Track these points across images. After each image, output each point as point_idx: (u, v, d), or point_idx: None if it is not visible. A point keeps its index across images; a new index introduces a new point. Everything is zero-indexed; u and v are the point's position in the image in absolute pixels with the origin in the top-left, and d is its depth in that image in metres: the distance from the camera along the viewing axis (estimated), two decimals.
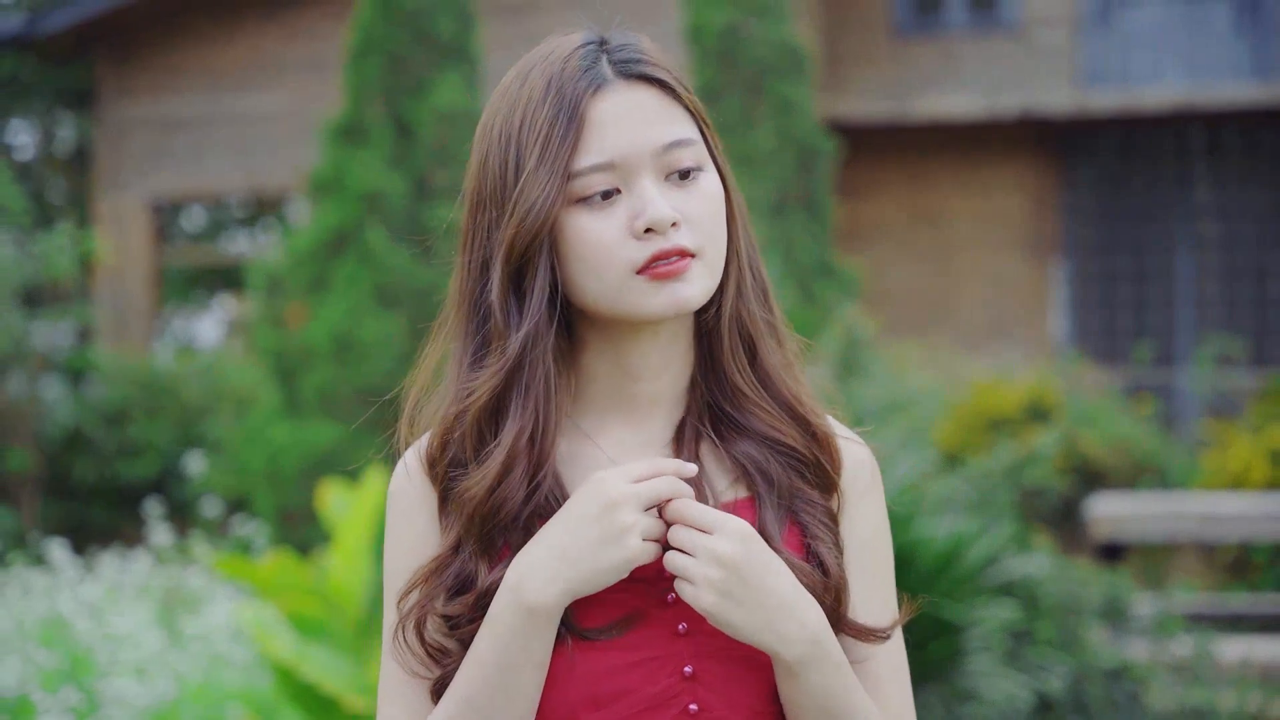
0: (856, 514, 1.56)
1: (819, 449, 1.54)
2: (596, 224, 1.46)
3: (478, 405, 1.49)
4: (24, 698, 4.63)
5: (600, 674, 1.46)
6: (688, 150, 1.48)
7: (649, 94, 1.49)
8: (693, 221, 1.47)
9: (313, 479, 8.01)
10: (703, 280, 1.48)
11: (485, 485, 1.47)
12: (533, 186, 1.46)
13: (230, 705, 5.09)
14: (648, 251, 1.45)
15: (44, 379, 11.59)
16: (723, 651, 1.48)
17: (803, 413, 1.54)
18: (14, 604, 5.82)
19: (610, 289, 1.47)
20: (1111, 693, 4.81)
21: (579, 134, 1.46)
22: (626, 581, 1.47)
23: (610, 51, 1.52)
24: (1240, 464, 8.21)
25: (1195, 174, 12.45)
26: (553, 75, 1.49)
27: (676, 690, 1.47)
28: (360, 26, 8.72)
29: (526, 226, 1.46)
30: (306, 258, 8.56)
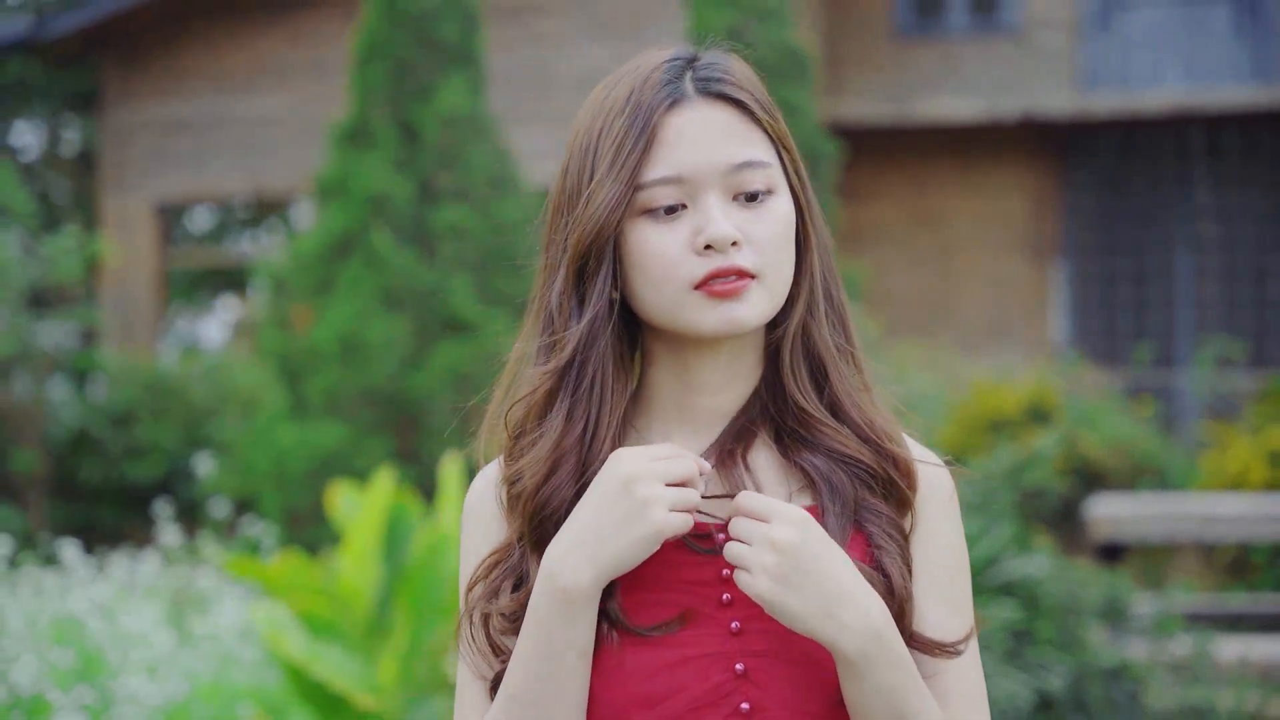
0: (930, 529, 1.54)
1: (892, 469, 1.52)
2: (659, 237, 1.47)
3: (532, 401, 1.51)
4: (39, 696, 4.67)
5: (652, 672, 1.46)
6: (758, 173, 1.48)
7: (726, 113, 1.49)
8: (755, 243, 1.47)
9: (319, 480, 8.04)
10: (760, 302, 1.48)
11: (535, 480, 1.48)
12: (600, 193, 1.47)
13: (241, 704, 5.14)
14: (706, 268, 1.46)
15: (50, 380, 11.62)
16: (776, 651, 1.47)
17: (875, 436, 1.53)
18: (26, 604, 5.87)
19: (667, 302, 1.48)
20: (1111, 692, 4.81)
21: (649, 146, 1.47)
22: (682, 583, 1.48)
23: (696, 68, 1.52)
24: (1239, 465, 8.24)
25: (1195, 176, 12.47)
26: (634, 87, 1.50)
27: (728, 688, 1.46)
28: (365, 31, 8.75)
29: (590, 231, 1.47)
30: (312, 260, 8.59)
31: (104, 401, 11.54)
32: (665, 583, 1.49)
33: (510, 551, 1.51)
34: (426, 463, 8.00)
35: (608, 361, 1.50)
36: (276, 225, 17.18)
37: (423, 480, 7.75)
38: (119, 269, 12.85)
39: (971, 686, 1.52)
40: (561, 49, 12.04)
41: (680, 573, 1.49)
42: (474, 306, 8.45)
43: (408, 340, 8.43)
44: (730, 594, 1.48)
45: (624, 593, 1.48)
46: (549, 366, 1.51)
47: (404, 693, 4.70)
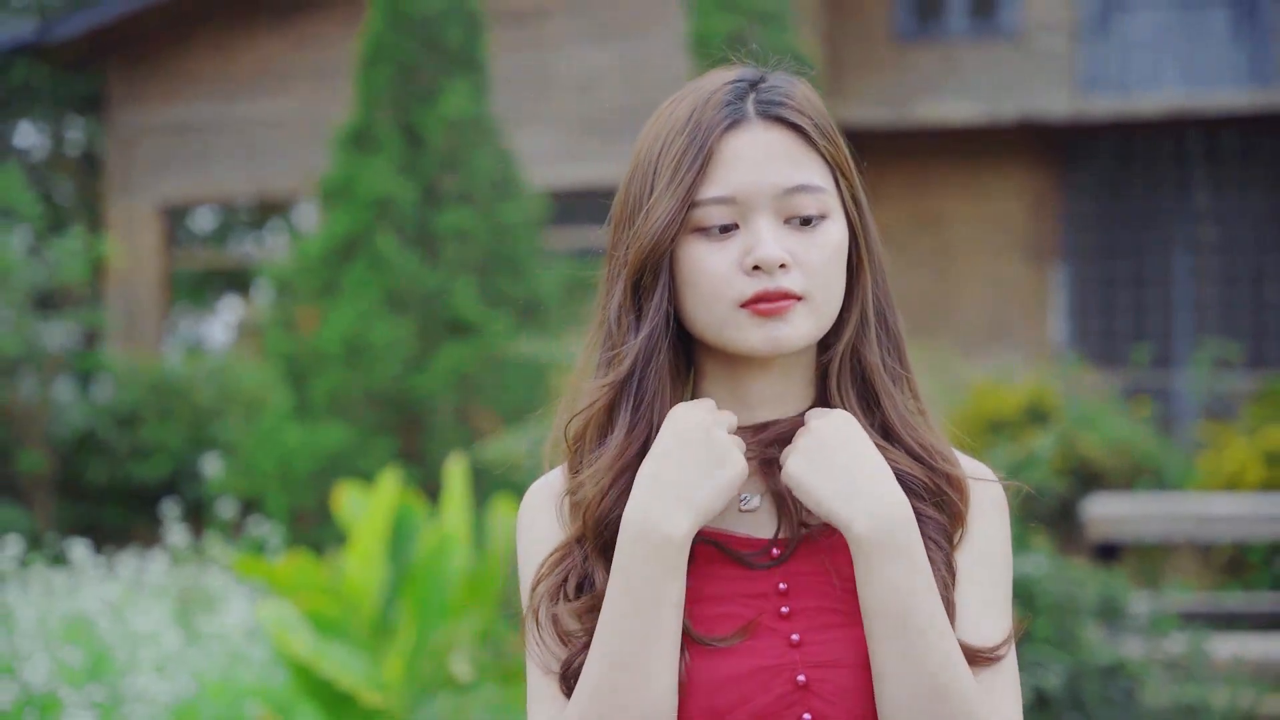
0: (977, 536, 1.55)
1: (945, 484, 1.54)
2: (710, 255, 1.49)
3: (591, 414, 1.54)
4: (51, 694, 4.72)
5: (716, 684, 1.47)
6: (811, 197, 1.50)
7: (784, 137, 1.51)
8: (804, 266, 1.49)
9: (324, 480, 8.09)
10: (805, 323, 1.50)
11: (598, 490, 1.51)
12: (657, 209, 1.50)
13: (248, 702, 5.17)
14: (754, 288, 1.48)
15: (56, 381, 11.65)
16: (836, 662, 1.48)
17: (927, 455, 1.54)
18: (36, 603, 5.92)
19: (715, 319, 1.50)
20: (1107, 690, 4.80)
21: (706, 165, 1.49)
22: (741, 597, 1.50)
23: (760, 90, 1.54)
24: (1235, 465, 8.27)
25: (1193, 179, 12.47)
26: (696, 106, 1.52)
27: (790, 700, 1.47)
28: (370, 35, 8.79)
29: (646, 246, 1.50)
30: (317, 263, 8.63)
31: (110, 402, 11.55)
32: (725, 597, 1.51)
33: (570, 550, 1.52)
34: (430, 463, 8.05)
35: (665, 375, 1.53)
36: (279, 226, 17.21)
37: (427, 481, 7.80)
38: (124, 271, 12.87)
39: (1007, 690, 1.50)
40: (564, 52, 12.06)
41: (738, 586, 1.51)
42: (477, 308, 8.50)
43: (411, 342, 8.47)
44: (788, 606, 1.50)
45: (691, 605, 1.49)
46: (608, 380, 1.53)
47: (409, 690, 4.74)
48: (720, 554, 1.52)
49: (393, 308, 8.49)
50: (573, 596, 1.51)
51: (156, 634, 5.56)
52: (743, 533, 1.54)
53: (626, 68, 11.67)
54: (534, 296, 8.77)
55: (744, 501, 1.55)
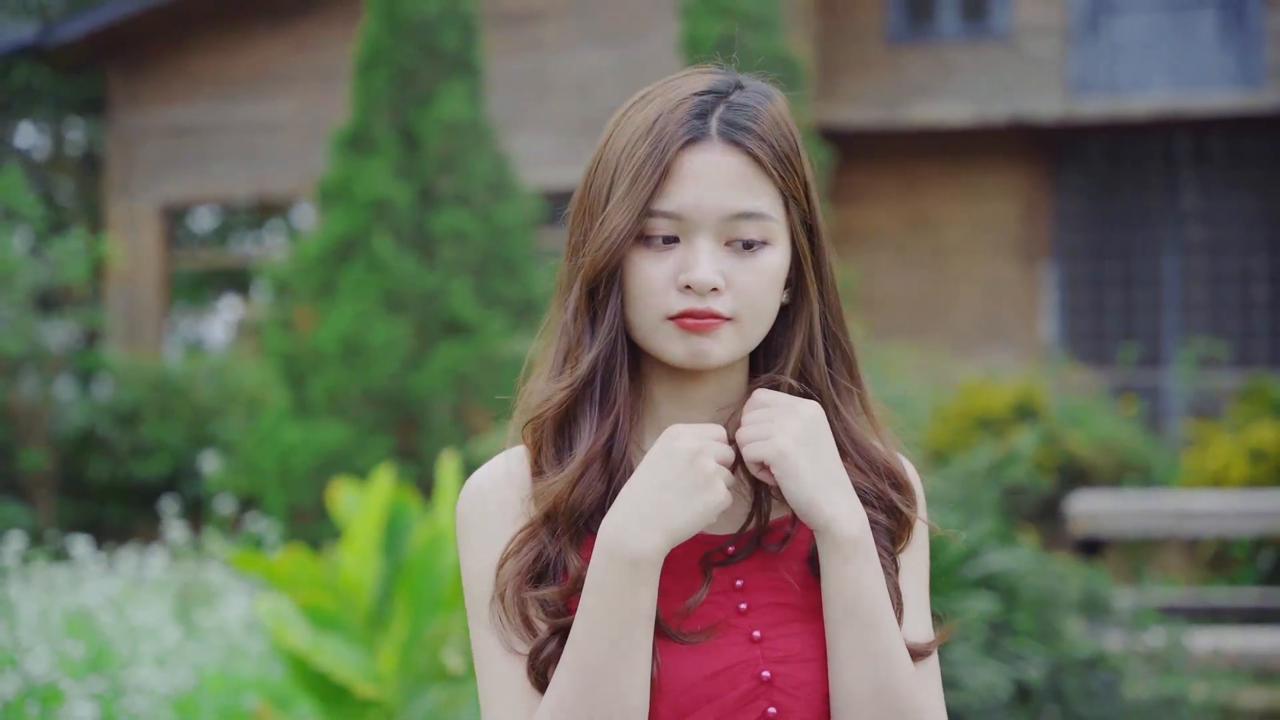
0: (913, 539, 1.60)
1: (896, 496, 1.58)
2: (650, 265, 1.51)
3: (550, 415, 1.56)
4: (52, 685, 4.79)
5: (684, 683, 1.49)
6: (754, 224, 1.51)
7: (738, 161, 1.51)
8: (737, 290, 1.51)
9: (321, 478, 8.15)
10: (730, 343, 1.52)
11: (567, 483, 1.52)
12: (614, 218, 1.51)
13: (246, 694, 5.25)
14: (682, 306, 1.50)
15: (58, 380, 11.71)
16: (795, 656, 1.52)
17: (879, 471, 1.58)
18: (38, 598, 6.00)
19: (644, 327, 1.53)
20: (1088, 682, 4.83)
21: (663, 179, 1.50)
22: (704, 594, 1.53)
23: (728, 106, 1.53)
24: (1220, 462, 8.34)
25: (1182, 180, 12.51)
26: (662, 113, 1.53)
27: (755, 694, 1.50)
28: (367, 39, 8.84)
29: (602, 257, 1.51)
30: (315, 263, 8.69)
31: (110, 401, 11.60)
32: (687, 593, 1.53)
33: (537, 530, 1.53)
34: (427, 461, 8.10)
35: (625, 375, 1.55)
36: (278, 226, 17.27)
37: (424, 478, 7.86)
38: (125, 271, 12.91)
39: (936, 683, 1.57)
40: (560, 55, 12.10)
41: (697, 582, 1.53)
42: (473, 308, 8.56)
43: (408, 341, 8.53)
44: (746, 602, 1.54)
45: None
46: (568, 382, 1.55)
47: (404, 682, 4.78)
48: (685, 550, 1.54)
49: (390, 308, 8.55)
50: (541, 578, 1.52)
51: (156, 628, 5.63)
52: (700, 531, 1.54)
53: (622, 70, 11.74)
54: (529, 297, 8.84)
55: None
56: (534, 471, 1.57)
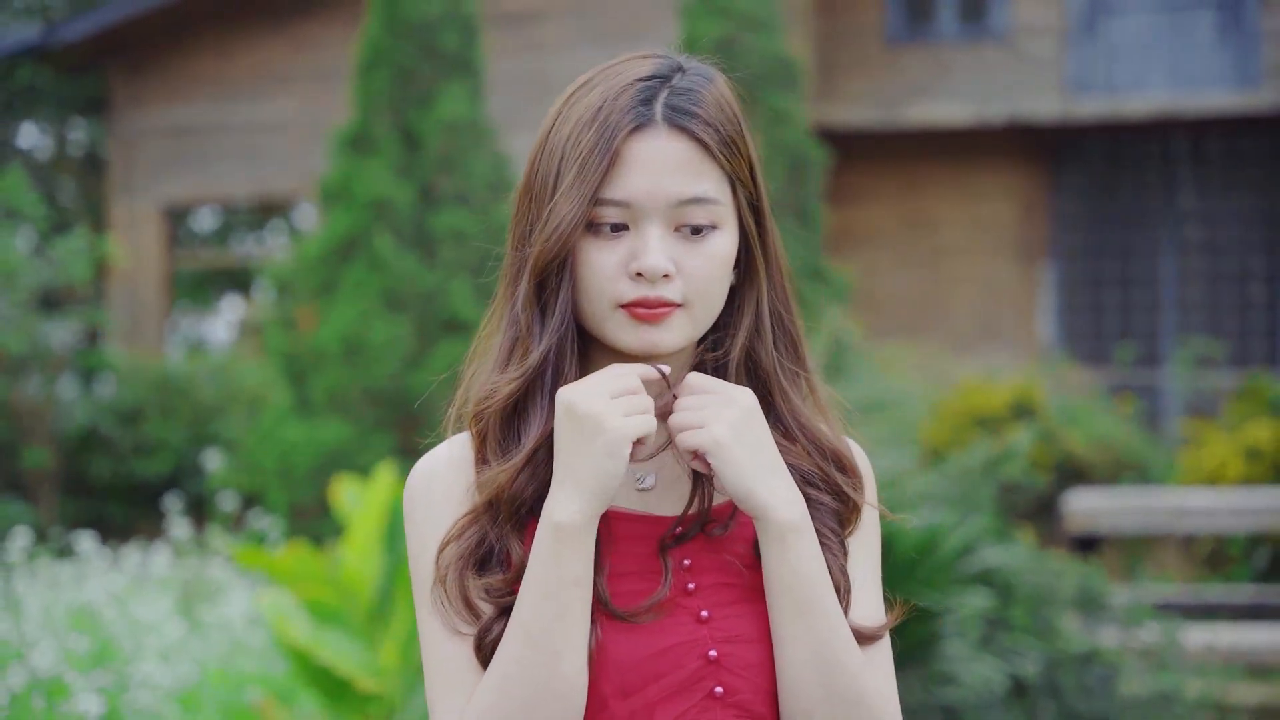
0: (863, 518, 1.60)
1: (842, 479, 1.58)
2: (599, 253, 1.51)
3: (497, 407, 1.54)
4: (58, 679, 4.84)
5: (631, 662, 1.49)
6: (702, 209, 1.51)
7: (684, 147, 1.51)
8: (687, 275, 1.51)
9: (323, 475, 8.20)
10: (682, 329, 1.52)
11: (511, 471, 1.51)
12: (562, 209, 1.49)
13: (249, 689, 5.29)
14: (634, 293, 1.50)
15: (60, 379, 11.76)
16: (742, 636, 1.52)
17: (825, 453, 1.59)
18: (43, 594, 6.05)
19: (596, 315, 1.52)
20: (1083, 678, 4.86)
21: (610, 166, 1.49)
22: (648, 573, 1.53)
23: (671, 91, 1.53)
24: (1216, 461, 8.36)
25: (1179, 180, 12.55)
26: (606, 100, 1.51)
27: (702, 674, 1.50)
28: (368, 40, 8.89)
29: (552, 244, 1.50)
30: (317, 263, 8.74)
31: (113, 400, 11.65)
32: (632, 574, 1.53)
33: (479, 516, 1.53)
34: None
35: (574, 364, 1.54)
36: (278, 226, 17.32)
37: None
38: (127, 270, 12.96)
39: (886, 666, 1.57)
40: (559, 56, 12.13)
41: (643, 563, 1.53)
42: (473, 308, 8.61)
43: (409, 340, 8.58)
44: (694, 583, 1.53)
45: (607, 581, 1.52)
46: (518, 373, 1.54)
47: (404, 676, 4.80)
48: (630, 531, 1.54)
49: (390, 307, 8.60)
50: (484, 564, 1.52)
51: (160, 624, 5.68)
52: (642, 511, 1.55)
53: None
54: None
55: (640, 481, 1.57)
56: (478, 459, 1.56)
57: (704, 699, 1.50)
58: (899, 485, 4.93)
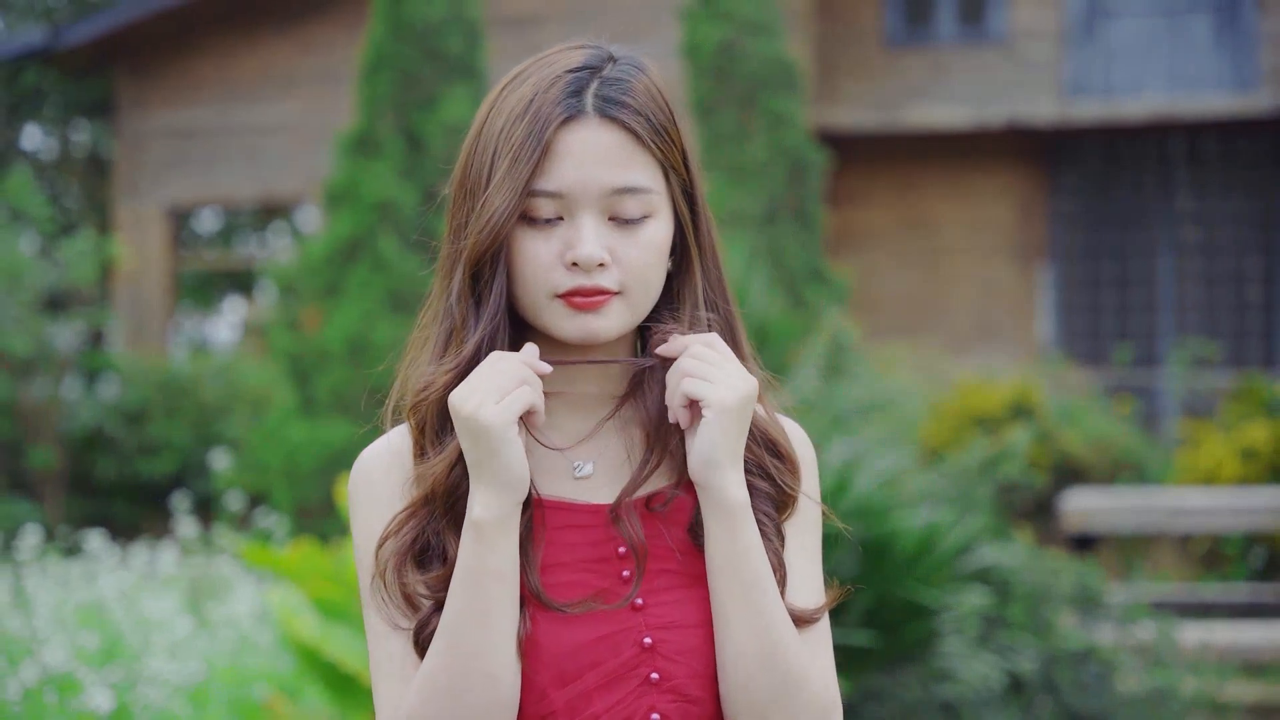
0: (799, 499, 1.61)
1: (780, 465, 1.59)
2: (535, 244, 1.51)
3: (433, 398, 1.54)
4: (70, 675, 4.90)
5: (566, 651, 1.50)
6: (635, 198, 1.52)
7: (615, 136, 1.52)
8: (622, 263, 1.52)
9: (328, 475, 8.26)
10: (620, 317, 1.53)
11: (446, 464, 1.52)
12: (495, 200, 1.50)
13: (256, 685, 5.35)
14: (570, 283, 1.51)
15: (66, 380, 11.81)
16: (677, 623, 1.53)
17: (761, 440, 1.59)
18: (53, 592, 6.12)
19: (533, 305, 1.54)
20: (1080, 675, 4.89)
21: (542, 158, 1.50)
22: (585, 563, 1.53)
23: (601, 81, 1.53)
24: (1212, 461, 8.42)
25: (1176, 182, 12.60)
26: (537, 93, 1.52)
27: (638, 661, 1.51)
28: (372, 43, 8.94)
29: (485, 239, 1.51)
30: (321, 264, 8.80)
31: (118, 400, 11.69)
32: (570, 564, 1.54)
33: (417, 510, 1.54)
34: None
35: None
36: (281, 227, 17.38)
37: None
38: (132, 272, 13.01)
39: (823, 648, 1.57)
40: None
41: (581, 552, 1.54)
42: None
43: None
44: (629, 570, 1.54)
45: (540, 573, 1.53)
46: (452, 365, 1.54)
47: None
48: (565, 521, 1.55)
49: (394, 308, 8.65)
50: (421, 559, 1.53)
51: (168, 621, 5.73)
52: (578, 500, 1.57)
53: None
54: None
55: (577, 469, 1.58)
56: (417, 453, 1.56)
57: (640, 685, 1.51)
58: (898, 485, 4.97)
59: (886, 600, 4.40)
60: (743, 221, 8.99)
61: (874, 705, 4.49)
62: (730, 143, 9.30)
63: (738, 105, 9.33)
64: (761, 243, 8.98)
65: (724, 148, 9.26)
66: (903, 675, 4.58)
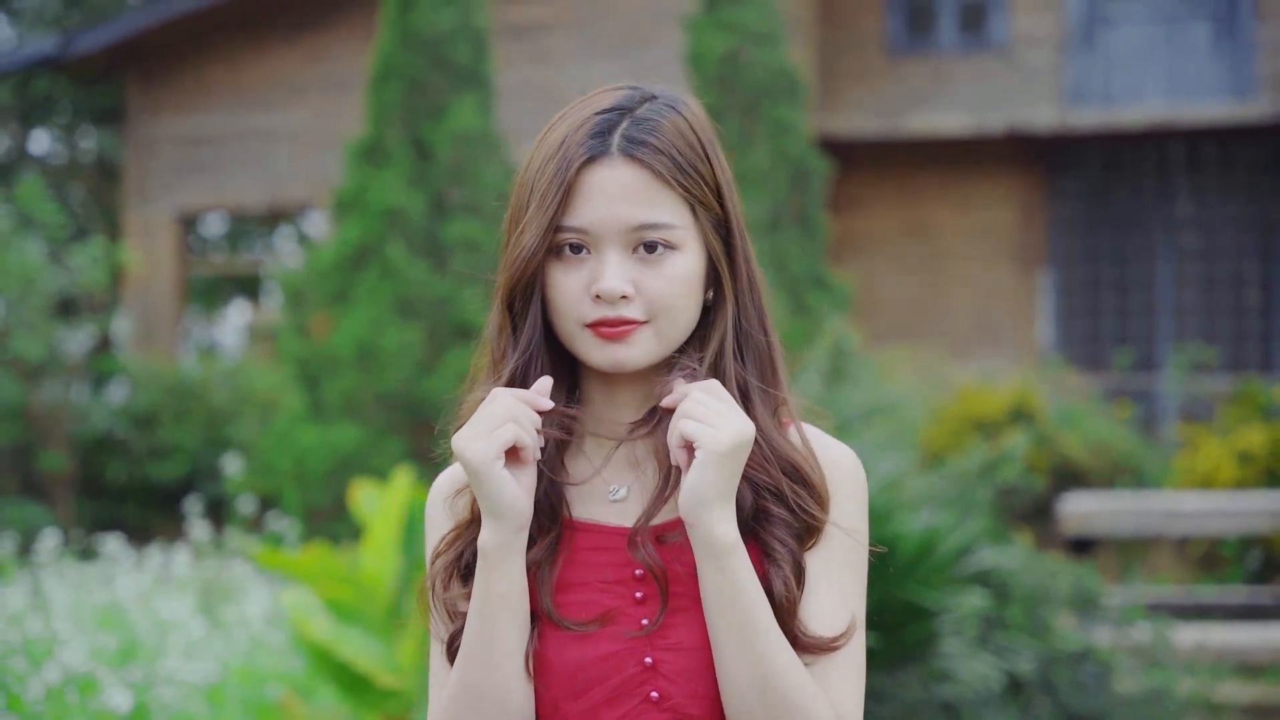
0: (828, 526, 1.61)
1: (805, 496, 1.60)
2: (565, 277, 1.58)
3: None
4: (89, 675, 4.98)
5: (576, 667, 1.57)
6: (657, 233, 1.57)
7: (637, 174, 1.57)
8: (646, 294, 1.57)
9: (337, 478, 8.33)
10: (647, 345, 1.58)
11: None
12: (525, 235, 1.57)
13: (270, 685, 5.42)
14: (596, 314, 1.57)
15: (77, 384, 11.88)
16: (679, 645, 1.58)
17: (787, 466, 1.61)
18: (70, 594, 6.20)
19: (567, 334, 1.60)
20: (1077, 675, 4.94)
21: (567, 196, 1.56)
22: (602, 584, 1.60)
23: (632, 120, 1.59)
24: (1209, 464, 8.46)
25: (1175, 188, 12.65)
26: (568, 134, 1.58)
27: (640, 679, 1.57)
28: (381, 53, 9.00)
29: (515, 272, 1.58)
30: (330, 271, 8.86)
31: (128, 404, 11.75)
32: (588, 584, 1.60)
33: (463, 531, 1.64)
34: (438, 462, 8.28)
35: None
36: (288, 233, 17.44)
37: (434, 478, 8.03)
38: (142, 277, 13.06)
39: (843, 678, 1.58)
40: (565, 67, 12.22)
41: (601, 573, 1.60)
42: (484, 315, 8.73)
43: (421, 347, 8.69)
44: (642, 592, 1.59)
45: (554, 592, 1.60)
46: (485, 394, 1.61)
47: (421, 672, 4.84)
48: (594, 543, 1.62)
49: (403, 314, 8.71)
50: (466, 574, 1.63)
51: (183, 622, 5.81)
52: (613, 523, 1.62)
53: (626, 81, 11.88)
54: None
55: (613, 493, 1.64)
56: None
57: (640, 703, 1.56)
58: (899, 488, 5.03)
59: (888, 602, 4.47)
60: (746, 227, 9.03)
61: (875, 705, 4.56)
62: (734, 151, 9.37)
63: (741, 114, 9.40)
64: (764, 249, 9.05)
65: (727, 156, 9.31)
66: (903, 675, 4.62)
